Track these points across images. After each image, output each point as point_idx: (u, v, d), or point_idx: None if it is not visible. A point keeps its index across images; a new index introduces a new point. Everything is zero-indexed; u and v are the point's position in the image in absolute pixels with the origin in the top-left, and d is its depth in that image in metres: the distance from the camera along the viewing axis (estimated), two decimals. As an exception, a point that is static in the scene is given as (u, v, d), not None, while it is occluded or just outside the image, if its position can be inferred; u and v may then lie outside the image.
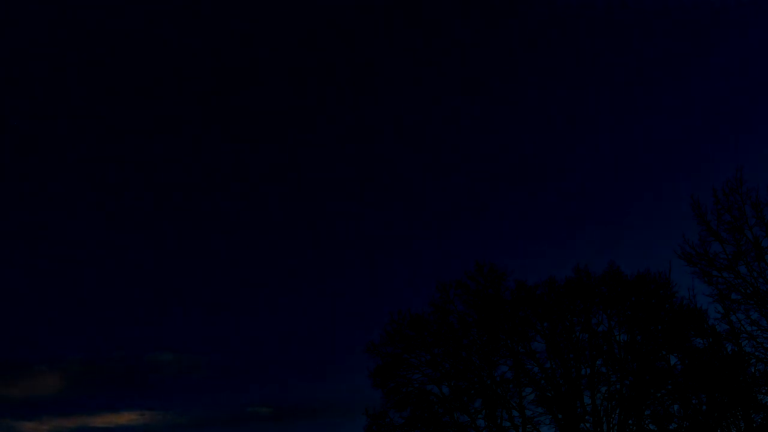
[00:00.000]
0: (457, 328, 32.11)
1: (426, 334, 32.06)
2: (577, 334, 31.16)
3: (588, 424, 29.86)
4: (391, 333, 32.24)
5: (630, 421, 29.58)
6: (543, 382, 30.81)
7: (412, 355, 32.03)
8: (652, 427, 29.78)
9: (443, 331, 31.99)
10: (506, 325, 31.66)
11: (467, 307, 32.38)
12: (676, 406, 29.76)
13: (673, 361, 30.45)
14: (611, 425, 29.62)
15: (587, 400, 30.22)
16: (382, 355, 32.14)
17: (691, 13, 62.63)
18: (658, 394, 30.11)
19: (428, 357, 31.87)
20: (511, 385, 31.29)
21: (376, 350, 32.22)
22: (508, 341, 31.65)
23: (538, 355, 31.22)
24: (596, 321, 31.19)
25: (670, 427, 29.46)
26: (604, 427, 29.68)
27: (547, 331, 31.38)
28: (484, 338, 31.85)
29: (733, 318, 26.94)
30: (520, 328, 31.61)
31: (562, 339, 31.06)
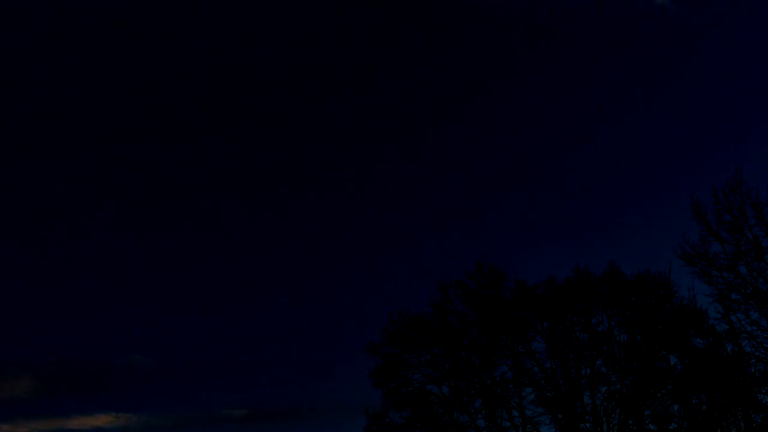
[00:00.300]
0: (457, 328, 32.11)
1: (426, 334, 32.06)
2: (577, 334, 31.16)
3: (588, 424, 29.86)
4: (391, 333, 32.26)
5: (630, 421, 29.57)
6: (543, 382, 30.81)
7: (412, 355, 32.03)
8: (652, 427, 29.78)
9: (443, 331, 31.98)
10: (506, 325, 31.65)
11: (467, 307, 32.41)
12: (676, 406, 29.78)
13: (673, 361, 30.51)
14: (611, 425, 29.62)
15: (587, 400, 30.25)
16: (382, 355, 32.16)
17: (691, 13, 62.67)
18: (658, 394, 30.11)
19: (428, 357, 31.88)
20: (511, 385, 31.29)
21: (376, 350, 32.24)
22: (508, 341, 31.65)
23: (538, 355, 31.24)
24: (596, 321, 31.22)
25: (670, 427, 29.46)
26: (604, 427, 29.68)
27: (547, 331, 31.38)
28: (484, 338, 31.84)
29: (733, 318, 27.01)
30: (520, 328, 31.61)
31: (562, 339, 31.06)
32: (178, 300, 61.87)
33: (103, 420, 48.01)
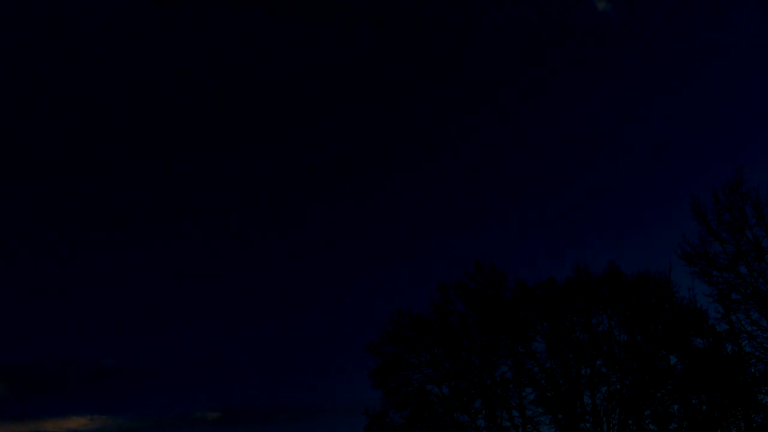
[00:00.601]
0: (457, 328, 32.12)
1: (426, 334, 32.06)
2: (577, 334, 31.17)
3: (588, 424, 29.86)
4: (391, 333, 32.26)
5: (630, 421, 29.58)
6: (543, 382, 30.82)
7: (412, 355, 32.03)
8: (652, 427, 29.79)
9: (443, 331, 31.98)
10: (506, 325, 31.65)
11: (467, 307, 32.42)
12: (676, 406, 29.78)
13: (673, 361, 30.51)
14: (611, 425, 29.62)
15: (587, 400, 30.26)
16: (383, 355, 32.17)
17: (690, 13, 62.70)
18: (658, 394, 30.11)
19: (428, 357, 31.88)
20: (511, 385, 31.29)
21: (377, 350, 32.25)
22: (508, 341, 31.65)
23: (538, 355, 31.25)
24: (596, 321, 31.23)
25: (670, 427, 29.46)
26: (604, 427, 29.69)
27: (547, 331, 31.39)
28: (484, 338, 31.84)
29: (733, 318, 27.04)
30: (520, 328, 31.61)
31: (562, 339, 31.06)
32: (154, 302, 61.16)
33: (77, 422, 47.68)
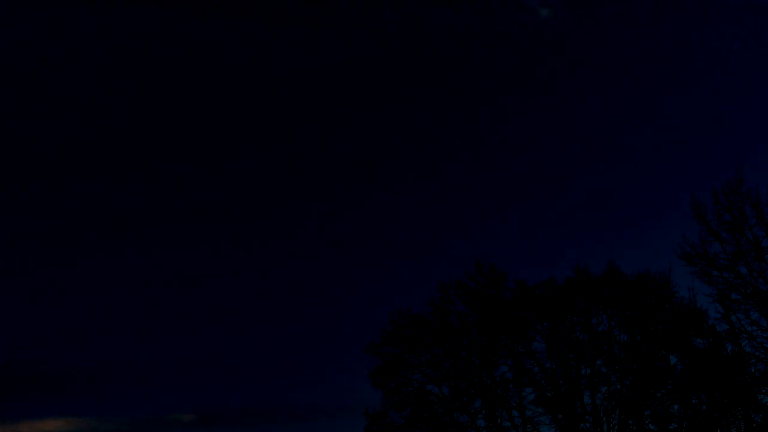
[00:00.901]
0: (457, 328, 32.11)
1: (426, 334, 32.06)
2: (577, 334, 31.17)
3: (588, 424, 29.85)
4: (391, 333, 32.26)
5: (630, 421, 29.58)
6: (543, 382, 30.81)
7: (412, 355, 32.03)
8: (652, 427, 29.78)
9: (443, 331, 31.98)
10: (506, 325, 31.65)
11: (467, 307, 32.41)
12: (676, 406, 29.76)
13: (673, 361, 30.49)
14: (611, 425, 29.62)
15: (587, 400, 30.24)
16: (382, 355, 32.16)
17: (690, 14, 62.70)
18: (658, 394, 30.11)
19: (428, 357, 31.87)
20: (511, 385, 31.29)
21: (376, 350, 32.25)
22: (508, 341, 31.65)
23: (538, 355, 31.24)
24: (596, 321, 31.22)
25: (670, 427, 29.45)
26: (604, 427, 29.69)
27: (547, 331, 31.38)
28: (484, 338, 31.84)
29: (733, 318, 27.02)
30: (520, 328, 31.61)
31: (562, 339, 31.06)
32: (129, 304, 60.59)
33: (52, 425, 47.43)
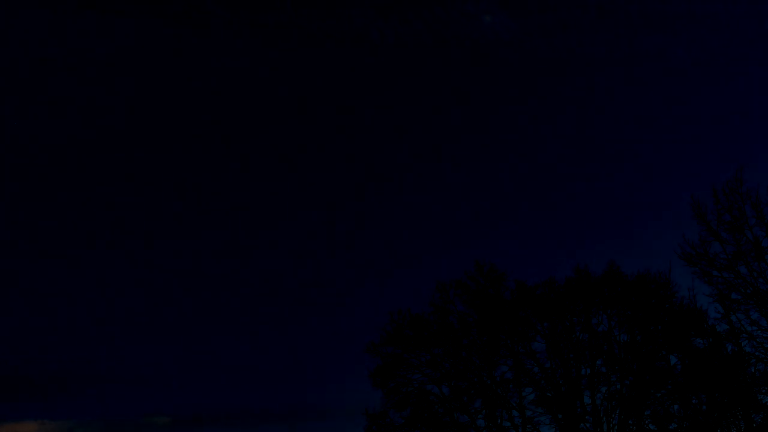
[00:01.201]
0: (457, 328, 32.11)
1: (426, 334, 32.05)
2: (577, 334, 31.16)
3: (588, 424, 29.85)
4: (391, 333, 32.26)
5: (630, 421, 29.57)
6: (543, 382, 30.80)
7: (412, 355, 32.02)
8: (652, 427, 29.77)
9: (443, 331, 31.98)
10: (506, 325, 31.64)
11: (467, 307, 32.40)
12: (676, 406, 29.75)
13: (673, 361, 30.48)
14: (611, 425, 29.62)
15: (587, 400, 30.23)
16: (382, 356, 32.16)
17: (690, 15, 62.70)
18: (658, 394, 30.10)
19: (428, 357, 31.87)
20: (511, 385, 31.28)
21: (376, 350, 32.25)
22: (508, 341, 31.64)
23: (538, 355, 31.23)
24: (596, 321, 31.21)
25: (670, 427, 29.45)
26: (604, 427, 29.68)
27: (547, 331, 31.38)
28: (484, 338, 31.83)
29: (733, 318, 27.03)
30: (520, 328, 31.60)
31: (562, 339, 31.05)
32: (105, 307, 60.27)
33: (27, 428, 47.28)
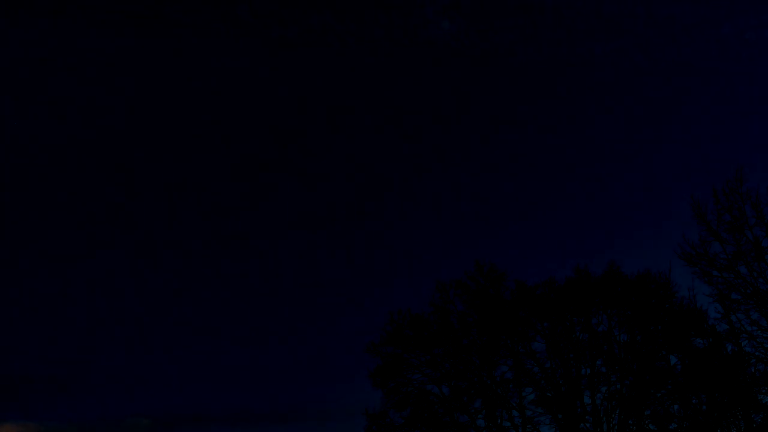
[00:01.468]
0: (457, 328, 32.10)
1: (426, 334, 32.05)
2: (577, 334, 31.15)
3: (588, 424, 29.84)
4: (391, 333, 32.25)
5: (630, 421, 29.56)
6: (543, 382, 30.80)
7: (412, 355, 32.02)
8: (652, 427, 29.76)
9: (443, 331, 31.97)
10: (506, 325, 31.63)
11: (467, 307, 32.39)
12: (676, 406, 29.74)
13: (673, 361, 30.47)
14: (611, 425, 29.61)
15: (587, 400, 30.23)
16: (382, 355, 32.16)
17: (689, 16, 62.72)
18: (658, 394, 30.09)
19: (428, 357, 31.86)
20: (511, 385, 31.28)
21: (376, 350, 32.24)
22: (508, 341, 31.63)
23: (538, 355, 31.23)
24: (596, 321, 31.20)
25: (670, 427, 29.44)
26: (604, 427, 29.67)
27: (547, 331, 31.37)
28: (484, 338, 31.82)
29: (733, 318, 27.01)
30: (520, 328, 31.59)
31: (562, 339, 31.05)
32: (86, 309, 60.21)
33: (7, 429, 47.34)
